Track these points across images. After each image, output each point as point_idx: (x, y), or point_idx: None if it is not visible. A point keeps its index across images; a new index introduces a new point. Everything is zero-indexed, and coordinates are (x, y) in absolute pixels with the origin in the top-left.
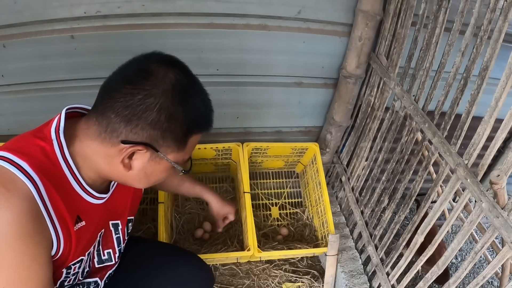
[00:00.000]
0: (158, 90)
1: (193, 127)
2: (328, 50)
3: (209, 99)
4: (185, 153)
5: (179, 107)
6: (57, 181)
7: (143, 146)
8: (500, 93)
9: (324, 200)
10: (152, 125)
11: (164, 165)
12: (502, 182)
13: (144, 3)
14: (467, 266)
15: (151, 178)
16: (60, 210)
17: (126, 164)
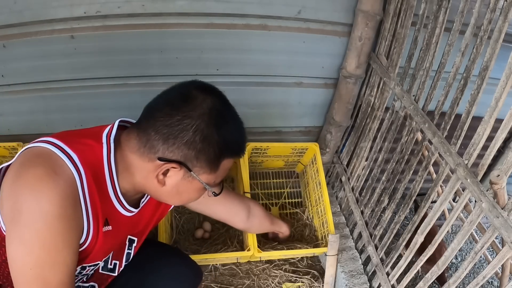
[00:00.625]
0: (195, 113)
1: (225, 151)
2: (328, 50)
3: (243, 127)
4: (217, 175)
5: (213, 130)
6: (99, 182)
7: (178, 164)
8: (500, 93)
9: (324, 200)
10: (187, 145)
11: (196, 185)
12: (502, 182)
13: (144, 3)
14: (467, 266)
15: (183, 196)
16: (96, 206)
17: (160, 180)
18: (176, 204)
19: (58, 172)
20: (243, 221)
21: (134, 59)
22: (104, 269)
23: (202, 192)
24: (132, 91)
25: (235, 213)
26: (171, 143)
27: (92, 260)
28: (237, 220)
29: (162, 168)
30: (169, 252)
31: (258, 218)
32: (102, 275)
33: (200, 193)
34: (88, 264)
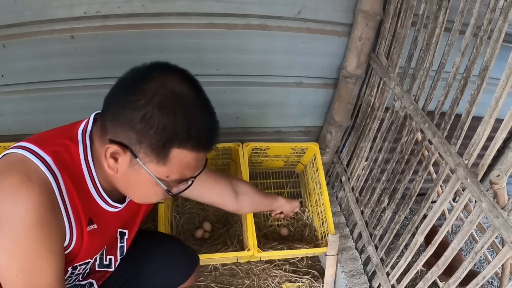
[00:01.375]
0: (146, 92)
1: (170, 138)
2: (328, 50)
3: (204, 116)
4: (170, 169)
5: (157, 111)
6: (76, 180)
7: (122, 147)
8: (500, 93)
9: (324, 200)
10: (127, 124)
11: (144, 176)
12: (502, 182)
13: (144, 3)
14: (467, 266)
15: (136, 189)
16: (77, 207)
17: (110, 165)
18: (138, 201)
19: (33, 178)
20: (233, 201)
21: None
22: (100, 266)
23: (156, 188)
24: None
25: (224, 194)
26: (116, 123)
27: (82, 260)
28: (227, 201)
29: (108, 151)
30: (164, 241)
31: (248, 195)
32: (99, 271)
33: (153, 188)
34: (78, 264)
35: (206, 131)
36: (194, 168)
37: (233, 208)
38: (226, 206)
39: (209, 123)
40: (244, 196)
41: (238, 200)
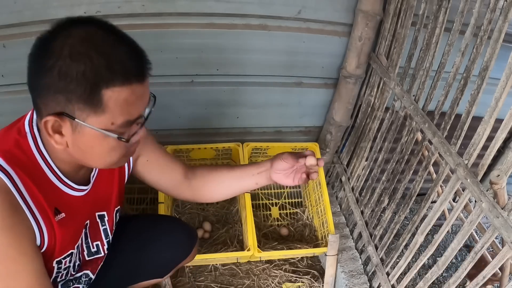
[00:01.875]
0: (49, 53)
1: (95, 82)
2: (328, 50)
3: (121, 47)
4: (111, 115)
5: (68, 61)
6: (33, 173)
7: (56, 116)
8: (500, 93)
9: (324, 200)
10: (51, 90)
11: (91, 134)
12: (502, 182)
13: (144, 3)
14: (467, 266)
15: (91, 153)
16: (39, 201)
17: (58, 141)
18: (101, 166)
19: None
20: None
21: None
22: (90, 254)
23: (108, 141)
24: None
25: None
26: (43, 96)
27: (63, 252)
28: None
29: (47, 128)
30: (162, 220)
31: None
32: (91, 260)
33: (106, 143)
34: (61, 257)
35: (129, 60)
36: (136, 103)
37: (189, 194)
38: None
39: (130, 51)
40: (200, 179)
41: (191, 184)
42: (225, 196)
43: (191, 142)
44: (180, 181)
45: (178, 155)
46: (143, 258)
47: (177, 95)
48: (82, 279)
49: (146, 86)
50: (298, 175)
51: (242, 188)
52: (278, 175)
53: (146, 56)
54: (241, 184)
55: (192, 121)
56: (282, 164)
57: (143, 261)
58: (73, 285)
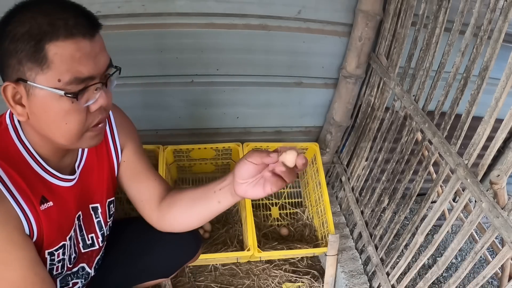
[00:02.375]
0: (3, 21)
1: (39, 38)
2: (328, 50)
3: (63, 6)
4: (57, 71)
5: (18, 26)
6: (16, 163)
7: (11, 82)
8: (500, 93)
9: (324, 200)
10: (6, 57)
11: (42, 95)
12: (502, 182)
13: (144, 3)
14: (467, 266)
15: (47, 120)
16: (23, 189)
17: (20, 112)
18: (62, 140)
19: None
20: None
21: (134, 59)
22: (85, 246)
23: (63, 102)
24: (132, 91)
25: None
26: (1, 66)
27: (54, 243)
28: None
29: (7, 97)
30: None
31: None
32: (86, 253)
33: (60, 105)
34: (53, 249)
35: (73, 18)
36: (83, 61)
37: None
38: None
39: (75, 11)
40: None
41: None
42: (188, 222)
43: (191, 142)
44: (152, 198)
45: (178, 155)
46: (149, 258)
47: (177, 95)
48: (79, 273)
49: (96, 44)
50: (271, 180)
51: (204, 210)
52: (242, 185)
53: (94, 15)
54: (203, 206)
55: (192, 121)
56: (245, 167)
57: (149, 261)
58: (72, 280)
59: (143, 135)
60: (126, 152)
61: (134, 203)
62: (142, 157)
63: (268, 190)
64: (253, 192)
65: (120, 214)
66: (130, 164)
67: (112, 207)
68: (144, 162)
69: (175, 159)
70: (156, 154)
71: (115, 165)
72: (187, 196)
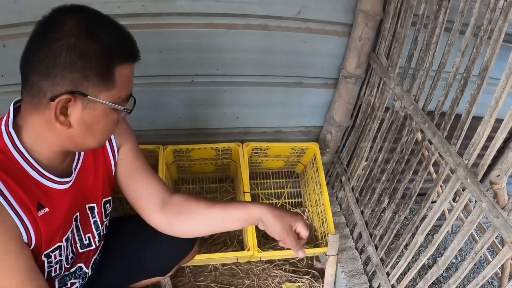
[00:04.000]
0: (61, 33)
1: (111, 58)
2: (328, 50)
3: (122, 28)
4: (119, 89)
5: (88, 41)
6: (12, 171)
7: (69, 94)
8: (500, 93)
9: (324, 200)
10: (68, 69)
11: (101, 110)
12: (502, 182)
13: (144, 3)
14: (467, 266)
15: (95, 129)
16: (20, 197)
17: (63, 121)
18: (95, 145)
19: None
20: (153, 199)
21: None
22: (82, 246)
23: (113, 116)
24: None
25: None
26: (53, 76)
27: (50, 245)
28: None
29: (58, 108)
30: None
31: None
32: (83, 253)
33: (110, 117)
34: (49, 251)
35: (129, 41)
36: (132, 79)
37: (156, 219)
38: (144, 208)
39: (126, 33)
40: (176, 206)
41: (165, 209)
42: (199, 233)
43: (191, 142)
44: (151, 196)
45: (178, 155)
46: (145, 256)
47: (177, 95)
48: (77, 273)
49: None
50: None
51: (223, 228)
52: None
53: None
54: (221, 227)
55: (192, 121)
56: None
57: (145, 259)
58: (70, 280)
59: (143, 135)
60: (123, 150)
61: (132, 202)
62: (140, 156)
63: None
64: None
65: (120, 214)
66: (128, 162)
67: (109, 206)
68: (142, 161)
69: (175, 159)
70: (156, 154)
71: (111, 164)
72: (202, 211)
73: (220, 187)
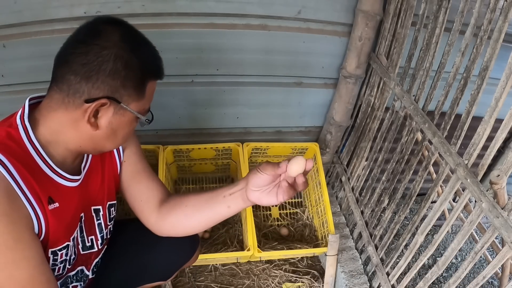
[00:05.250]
0: (110, 42)
1: (147, 73)
2: (328, 50)
3: (155, 48)
4: (145, 101)
5: (132, 55)
6: (26, 163)
7: (106, 99)
8: (500, 93)
9: (324, 200)
10: (111, 76)
11: (128, 117)
12: (502, 182)
13: (144, 3)
14: (467, 266)
15: (118, 133)
16: (34, 189)
17: (93, 123)
18: (112, 148)
19: None
20: (152, 200)
21: None
22: (84, 248)
23: (134, 124)
24: None
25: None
26: (95, 79)
27: (58, 243)
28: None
29: (92, 109)
30: None
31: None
32: (85, 255)
33: (132, 125)
34: (57, 248)
35: (159, 60)
36: (153, 95)
37: (153, 219)
38: (144, 210)
39: (157, 52)
40: (169, 204)
41: (160, 210)
42: (191, 227)
43: (191, 142)
44: (151, 199)
45: (178, 155)
46: (146, 261)
47: (177, 95)
48: (79, 276)
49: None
50: (283, 189)
51: (212, 214)
52: (256, 193)
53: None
54: (210, 209)
55: (192, 121)
56: (260, 177)
57: (147, 264)
58: (71, 283)
59: (143, 135)
60: (127, 152)
61: (132, 204)
62: (143, 159)
63: (280, 199)
64: (267, 199)
65: (121, 215)
66: (131, 164)
67: (113, 210)
68: (144, 164)
69: (175, 159)
70: (156, 154)
71: (117, 164)
72: (193, 199)
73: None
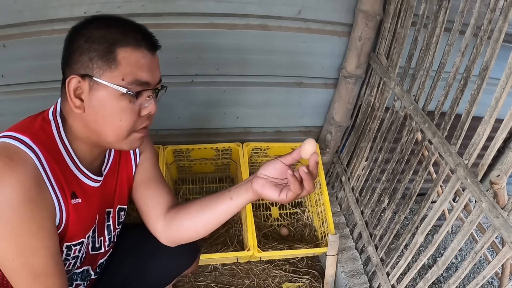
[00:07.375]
0: (77, 26)
1: (113, 41)
2: (328, 50)
3: (132, 21)
4: (122, 71)
5: (94, 29)
6: (55, 157)
7: (76, 76)
8: (500, 93)
9: (324, 200)
10: (77, 53)
11: (106, 91)
12: (502, 182)
13: (144, 3)
14: (467, 266)
15: (103, 113)
16: (60, 180)
17: (78, 105)
18: (112, 135)
19: (14, 158)
20: (160, 207)
21: None
22: (93, 249)
23: (120, 101)
24: None
25: (155, 188)
26: (68, 63)
27: (74, 238)
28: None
29: (70, 91)
30: None
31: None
32: (93, 255)
33: (115, 101)
34: (72, 243)
35: (140, 31)
36: (145, 68)
37: (159, 226)
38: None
39: (140, 28)
40: (175, 210)
41: (165, 217)
42: (194, 229)
43: (191, 142)
44: (159, 205)
45: (178, 155)
46: (147, 266)
47: (177, 95)
48: (84, 275)
49: (155, 60)
50: (291, 181)
51: (214, 212)
52: (261, 180)
53: (155, 37)
54: (212, 207)
55: (192, 121)
56: (273, 163)
57: (147, 269)
58: (76, 281)
59: None
60: (143, 156)
61: (140, 208)
62: (157, 166)
63: (283, 196)
64: (269, 191)
65: (137, 218)
66: (144, 169)
67: (122, 215)
68: (157, 172)
69: (175, 159)
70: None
71: (132, 166)
72: (197, 202)
73: (220, 187)
